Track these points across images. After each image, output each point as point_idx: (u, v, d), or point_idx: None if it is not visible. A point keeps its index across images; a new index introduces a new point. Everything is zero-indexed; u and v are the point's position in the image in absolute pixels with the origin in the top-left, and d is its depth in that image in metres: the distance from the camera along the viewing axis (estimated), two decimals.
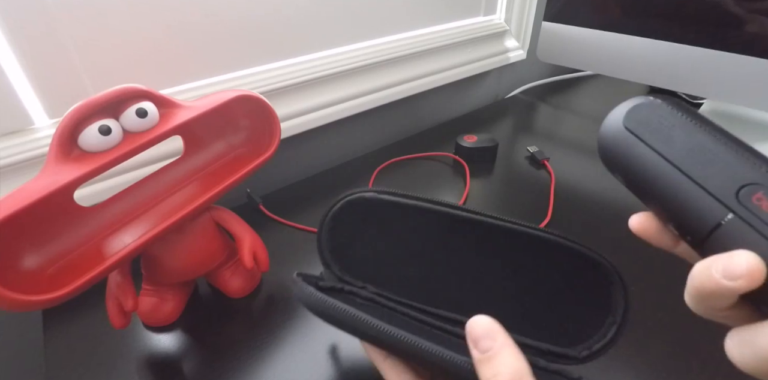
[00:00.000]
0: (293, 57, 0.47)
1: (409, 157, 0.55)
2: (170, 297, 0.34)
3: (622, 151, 0.21)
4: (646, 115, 0.20)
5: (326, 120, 0.50)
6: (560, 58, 0.60)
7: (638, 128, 0.20)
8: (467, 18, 0.63)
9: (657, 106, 0.20)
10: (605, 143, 0.21)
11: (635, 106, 0.21)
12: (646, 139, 0.20)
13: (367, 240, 0.29)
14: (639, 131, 0.20)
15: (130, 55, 0.37)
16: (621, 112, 0.21)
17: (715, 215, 0.17)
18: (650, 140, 0.19)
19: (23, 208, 0.22)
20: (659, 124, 0.20)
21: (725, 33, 0.45)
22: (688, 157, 0.18)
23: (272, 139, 0.33)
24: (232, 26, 0.41)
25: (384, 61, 0.53)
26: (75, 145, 0.25)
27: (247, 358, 0.31)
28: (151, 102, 0.27)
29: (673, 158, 0.19)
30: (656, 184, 0.20)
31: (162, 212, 0.30)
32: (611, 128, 0.21)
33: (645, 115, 0.20)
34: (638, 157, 0.20)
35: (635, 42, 0.52)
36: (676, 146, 0.19)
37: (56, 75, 0.34)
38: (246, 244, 0.33)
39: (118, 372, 0.30)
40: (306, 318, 0.34)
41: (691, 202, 0.18)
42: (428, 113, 0.66)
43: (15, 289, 0.22)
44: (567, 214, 0.44)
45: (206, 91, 0.41)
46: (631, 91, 0.73)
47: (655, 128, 0.20)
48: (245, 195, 0.46)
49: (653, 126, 0.20)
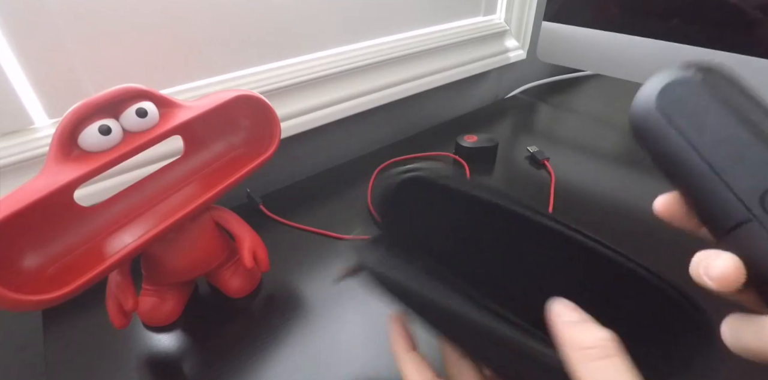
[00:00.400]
0: (293, 57, 0.47)
1: (409, 157, 0.55)
2: (170, 297, 0.34)
3: (652, 133, 0.19)
4: (681, 95, 0.18)
5: (326, 120, 0.50)
6: (560, 58, 0.60)
7: (671, 110, 0.18)
8: (467, 18, 0.63)
9: (694, 85, 0.18)
10: (635, 120, 0.20)
11: (671, 83, 0.19)
12: (677, 124, 0.18)
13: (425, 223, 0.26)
14: (671, 114, 0.18)
15: (130, 55, 0.37)
16: (655, 88, 0.19)
17: (737, 215, 0.16)
18: (682, 126, 0.18)
19: (23, 208, 0.22)
20: (694, 108, 0.18)
21: (725, 33, 0.45)
22: (719, 149, 0.17)
23: (272, 139, 0.33)
24: (232, 26, 0.41)
25: (384, 61, 0.53)
26: (75, 145, 0.25)
27: (247, 358, 0.31)
28: (151, 102, 0.27)
29: (704, 149, 0.17)
30: (683, 173, 0.18)
31: (162, 212, 0.30)
32: (643, 105, 0.19)
33: (680, 95, 0.18)
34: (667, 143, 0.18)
35: (635, 42, 0.52)
36: (708, 135, 0.17)
37: (56, 75, 0.34)
38: (246, 244, 0.33)
39: (118, 372, 0.30)
40: (306, 318, 0.34)
41: (714, 199, 0.17)
42: (428, 113, 0.66)
43: (15, 289, 0.22)
44: (567, 214, 0.44)
45: (206, 91, 0.41)
46: (631, 91, 0.72)
47: (689, 112, 0.18)
48: (245, 195, 0.46)
49: (687, 109, 0.18)
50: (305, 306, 0.35)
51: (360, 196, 0.48)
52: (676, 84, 0.19)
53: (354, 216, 0.45)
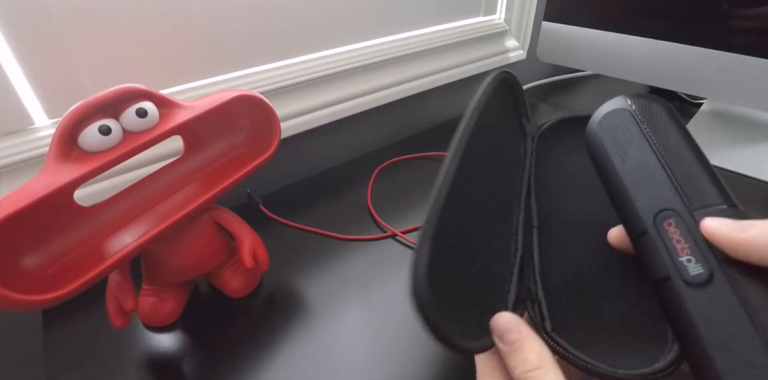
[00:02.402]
0: (293, 57, 0.47)
1: (409, 157, 0.55)
2: (170, 297, 0.34)
3: (591, 150, 0.24)
4: (615, 123, 0.23)
5: (326, 120, 0.50)
6: (560, 58, 0.60)
7: (606, 135, 0.23)
8: (467, 18, 0.63)
9: (626, 116, 0.23)
10: (586, 141, 0.24)
11: (610, 112, 0.23)
12: (607, 147, 0.23)
13: None
14: (605, 138, 0.23)
15: (130, 55, 0.37)
16: (600, 114, 0.24)
17: (640, 227, 0.20)
18: (610, 148, 0.22)
19: (23, 208, 0.22)
20: (622, 136, 0.22)
21: (725, 33, 0.45)
22: (633, 172, 0.21)
23: (272, 138, 0.33)
24: (232, 26, 0.41)
25: (384, 61, 0.53)
26: (75, 145, 0.25)
27: (247, 358, 0.31)
28: (151, 102, 0.27)
29: (622, 170, 0.22)
30: (607, 187, 0.23)
31: (162, 212, 0.30)
32: (589, 129, 0.24)
33: (614, 123, 0.23)
34: (599, 160, 0.23)
35: (635, 42, 0.52)
36: (627, 160, 0.22)
37: (56, 75, 0.34)
38: (246, 244, 0.33)
39: (118, 372, 0.30)
40: (306, 318, 0.34)
41: (626, 211, 0.21)
42: (428, 113, 0.66)
43: (15, 289, 0.22)
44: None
45: (206, 91, 0.41)
46: (631, 91, 0.73)
47: (618, 139, 0.22)
48: (245, 195, 0.46)
49: (617, 136, 0.22)
50: (305, 306, 0.35)
51: (360, 196, 0.48)
52: (614, 113, 0.23)
53: (354, 216, 0.45)
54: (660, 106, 0.22)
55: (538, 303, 0.23)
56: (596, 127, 0.23)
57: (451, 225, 0.22)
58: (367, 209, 0.46)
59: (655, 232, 0.19)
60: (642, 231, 0.20)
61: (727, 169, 0.49)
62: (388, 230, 0.43)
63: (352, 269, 0.38)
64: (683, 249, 0.18)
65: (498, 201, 0.27)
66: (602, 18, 0.53)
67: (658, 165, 0.20)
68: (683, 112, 0.64)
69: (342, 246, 0.41)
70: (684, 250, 0.18)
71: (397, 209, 0.46)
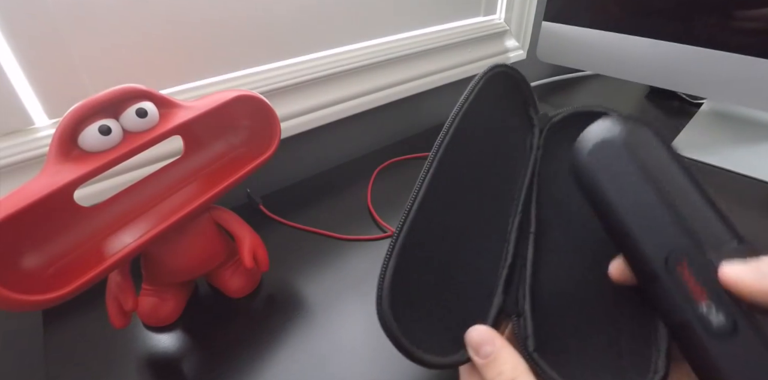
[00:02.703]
0: (293, 57, 0.47)
1: (409, 157, 0.55)
2: (170, 297, 0.34)
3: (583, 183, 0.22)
4: (607, 156, 0.21)
5: (326, 120, 0.50)
6: (560, 58, 0.60)
7: (597, 168, 0.21)
8: (467, 18, 0.63)
9: (618, 148, 0.21)
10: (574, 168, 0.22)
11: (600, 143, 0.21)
12: (602, 183, 0.21)
13: None
14: (598, 171, 0.21)
15: (130, 55, 0.37)
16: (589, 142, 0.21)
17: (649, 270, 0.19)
18: (606, 185, 0.20)
19: (23, 208, 0.22)
20: (616, 170, 0.20)
21: (725, 33, 0.45)
22: (633, 210, 0.20)
23: (272, 139, 0.33)
24: (232, 26, 0.41)
25: (384, 61, 0.53)
26: (75, 145, 0.25)
27: (247, 358, 0.31)
28: (151, 102, 0.27)
29: (621, 208, 0.20)
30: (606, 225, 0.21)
31: (162, 212, 0.30)
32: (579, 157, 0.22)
33: (606, 155, 0.21)
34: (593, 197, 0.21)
35: (635, 42, 0.52)
36: (625, 197, 0.20)
37: (56, 75, 0.34)
38: (246, 244, 0.33)
39: (118, 372, 0.30)
40: (306, 318, 0.34)
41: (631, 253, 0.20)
42: (428, 113, 0.66)
43: (15, 289, 0.22)
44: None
45: (206, 91, 0.41)
46: (631, 91, 0.73)
47: (611, 174, 0.20)
48: (245, 195, 0.46)
49: (611, 171, 0.21)
50: (305, 306, 0.35)
51: (360, 196, 0.48)
52: (604, 145, 0.21)
53: (354, 216, 0.45)
54: (650, 132, 0.21)
55: (523, 318, 0.22)
56: (586, 158, 0.21)
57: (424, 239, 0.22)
58: (367, 209, 0.46)
59: (669, 277, 0.18)
60: (652, 274, 0.19)
61: (727, 168, 0.49)
62: (388, 230, 0.43)
63: (352, 269, 0.38)
64: (701, 294, 0.17)
65: (491, 203, 0.26)
66: (602, 18, 0.53)
67: (660, 202, 0.19)
68: (683, 112, 0.64)
69: (342, 246, 0.41)
70: (702, 295, 0.17)
71: (397, 209, 0.46)
